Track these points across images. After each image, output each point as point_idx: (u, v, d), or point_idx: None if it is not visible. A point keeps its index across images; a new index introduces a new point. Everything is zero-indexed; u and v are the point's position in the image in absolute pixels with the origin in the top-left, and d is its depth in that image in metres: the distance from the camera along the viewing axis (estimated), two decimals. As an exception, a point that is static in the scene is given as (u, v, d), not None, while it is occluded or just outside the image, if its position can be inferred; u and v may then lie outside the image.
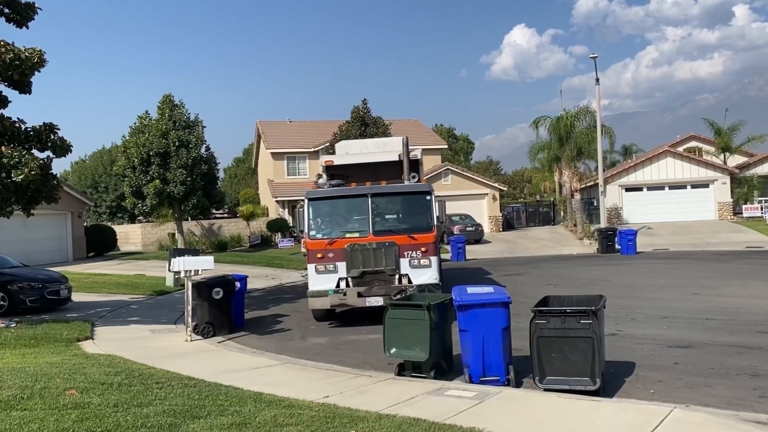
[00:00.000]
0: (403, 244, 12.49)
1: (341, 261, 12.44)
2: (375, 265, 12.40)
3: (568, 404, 6.86)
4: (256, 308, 15.79)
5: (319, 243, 12.63)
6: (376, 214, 12.82)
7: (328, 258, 12.47)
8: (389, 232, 12.69)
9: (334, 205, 13.26)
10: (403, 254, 12.47)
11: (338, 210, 13.30)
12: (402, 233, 12.63)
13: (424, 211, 12.90)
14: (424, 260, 12.54)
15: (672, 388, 7.66)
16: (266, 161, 46.78)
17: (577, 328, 7.31)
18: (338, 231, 12.86)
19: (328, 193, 13.23)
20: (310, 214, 12.84)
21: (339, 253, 12.44)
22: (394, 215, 13.28)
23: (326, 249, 12.51)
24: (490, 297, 8.20)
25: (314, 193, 13.23)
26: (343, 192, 13.29)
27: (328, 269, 12.49)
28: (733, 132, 44.40)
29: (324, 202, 13.12)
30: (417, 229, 12.66)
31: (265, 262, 27.43)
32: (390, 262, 12.39)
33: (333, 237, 12.66)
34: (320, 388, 7.85)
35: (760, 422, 6.20)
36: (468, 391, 7.48)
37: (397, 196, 13.33)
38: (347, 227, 12.93)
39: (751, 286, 15.57)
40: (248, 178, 61.96)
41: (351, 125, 36.55)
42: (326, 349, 11.04)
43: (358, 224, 12.83)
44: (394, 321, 8.43)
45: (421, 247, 12.54)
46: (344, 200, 13.21)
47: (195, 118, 33.17)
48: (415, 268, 12.51)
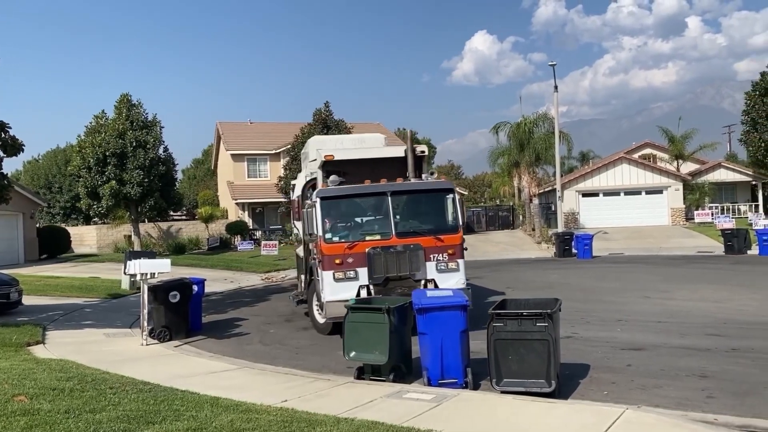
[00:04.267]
0: (428, 247, 11.40)
1: (362, 266, 11.19)
2: (399, 271, 11.26)
3: (524, 406, 6.96)
4: (214, 312, 15.60)
5: (337, 247, 11.29)
6: (398, 213, 11.69)
7: (348, 264, 11.18)
8: (414, 234, 11.54)
9: (350, 204, 12.04)
10: (429, 257, 11.38)
11: (354, 210, 12.18)
12: (427, 234, 11.54)
13: (448, 209, 11.96)
14: (452, 263, 11.52)
15: (625, 389, 7.84)
16: (226, 162, 46.27)
17: (533, 331, 7.43)
18: (357, 233, 11.65)
19: (342, 191, 11.80)
20: (323, 214, 11.49)
21: (360, 257, 11.20)
22: (417, 215, 12.23)
23: (345, 254, 11.21)
24: (449, 300, 8.27)
25: (327, 192, 11.70)
26: (360, 190, 11.88)
27: (348, 276, 11.16)
28: (686, 140, 45.72)
29: (338, 202, 11.77)
30: (443, 230, 11.70)
31: (224, 265, 27.11)
32: (416, 266, 11.32)
33: (352, 240, 11.40)
34: (278, 392, 7.80)
35: (707, 422, 6.39)
36: (426, 394, 7.53)
37: (419, 194, 12.20)
38: (366, 229, 11.79)
39: (701, 289, 16.03)
40: (207, 179, 61.15)
41: (313, 127, 36.41)
42: (285, 353, 10.98)
43: (379, 225, 11.70)
44: (353, 324, 8.44)
45: (447, 249, 11.52)
46: (361, 199, 12.03)
47: (153, 118, 32.66)
48: (441, 273, 11.44)
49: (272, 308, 16.22)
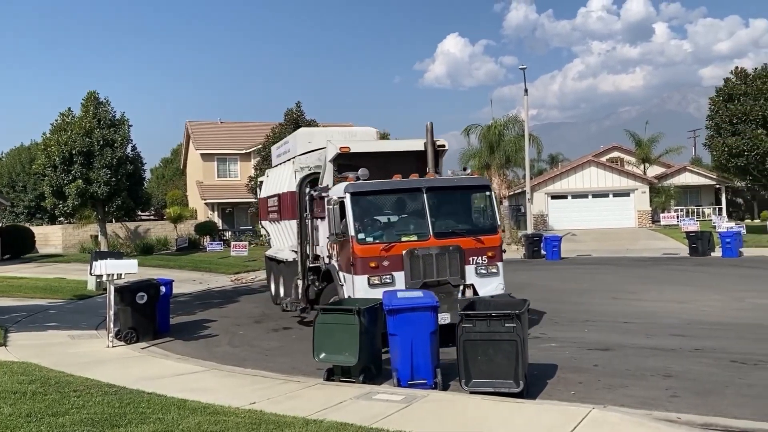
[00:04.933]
0: (468, 249, 10.55)
1: (399, 270, 10.23)
2: (438, 275, 10.34)
3: (492, 406, 7.01)
4: (183, 313, 15.41)
5: (371, 248, 10.26)
6: (434, 212, 10.71)
7: (383, 267, 10.18)
8: (453, 234, 10.67)
9: (382, 201, 11.10)
10: (468, 260, 10.54)
11: (387, 207, 11.23)
12: (467, 235, 10.72)
13: (486, 208, 11.29)
14: (492, 267, 10.78)
15: (591, 389, 7.94)
16: (195, 162, 45.79)
17: (502, 332, 7.49)
18: (392, 233, 10.67)
19: (376, 186, 10.82)
20: (354, 212, 10.47)
21: (396, 260, 10.23)
22: (453, 213, 11.33)
23: (380, 256, 10.22)
24: (420, 301, 8.29)
25: (357, 187, 10.65)
26: (394, 185, 10.96)
27: (384, 281, 10.14)
28: (652, 144, 46.61)
29: (369, 198, 10.80)
30: (481, 230, 10.97)
31: (193, 266, 26.81)
32: (455, 270, 10.42)
33: (388, 241, 10.43)
34: (247, 394, 7.74)
35: (671, 420, 6.52)
36: (396, 395, 7.53)
37: (456, 191, 11.37)
38: (402, 228, 10.85)
39: (666, 290, 16.33)
40: (176, 179, 60.41)
41: (284, 127, 36.23)
42: (254, 355, 10.90)
43: (414, 225, 10.82)
44: (323, 326, 8.41)
45: (487, 252, 10.75)
46: (394, 195, 11.13)
47: (121, 117, 32.20)
48: (481, 277, 10.67)
49: (241, 310, 16.09)
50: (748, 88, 30.94)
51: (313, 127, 14.35)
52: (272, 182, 16.30)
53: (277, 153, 16.80)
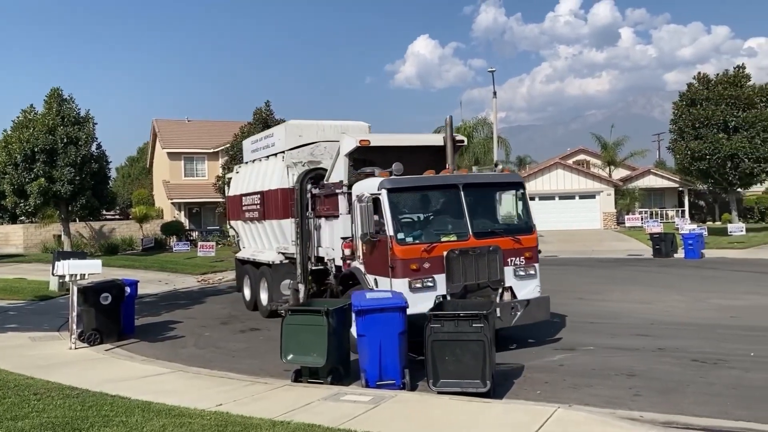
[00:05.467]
0: (506, 249, 10.04)
1: (440, 273, 9.54)
2: (478, 277, 9.74)
3: (460, 406, 7.05)
4: (148, 314, 15.18)
5: (412, 249, 9.50)
6: (471, 210, 10.11)
7: (424, 270, 9.47)
8: (492, 234, 10.12)
9: (419, 198, 10.51)
10: (506, 261, 10.02)
11: (424, 205, 10.59)
12: (505, 235, 10.23)
13: (520, 207, 10.83)
14: (529, 268, 10.32)
15: (557, 388, 8.04)
16: (162, 161, 45.19)
17: (470, 332, 7.55)
18: (431, 233, 9.96)
19: (412, 182, 10.13)
20: (393, 210, 9.70)
21: (437, 262, 9.52)
22: (488, 212, 10.83)
23: (421, 257, 9.49)
24: (389, 302, 8.29)
25: (394, 182, 9.89)
26: (432, 181, 10.31)
27: (426, 285, 9.45)
28: (617, 147, 47.44)
29: (406, 195, 10.14)
30: (518, 230, 10.54)
31: (159, 267, 26.43)
32: (495, 272, 9.87)
33: (429, 241, 9.71)
34: (213, 396, 7.66)
35: (634, 419, 6.64)
36: (364, 396, 7.53)
37: (491, 188, 10.86)
38: (439, 228, 10.17)
39: (631, 291, 16.62)
40: (142, 178, 59.53)
41: (253, 127, 35.98)
42: (221, 356, 10.78)
43: (452, 224, 10.15)
44: (291, 327, 8.36)
45: (525, 252, 10.29)
46: (431, 192, 10.49)
47: (86, 114, 31.60)
48: (519, 279, 10.18)
49: (208, 311, 15.90)
50: (710, 93, 31.68)
51: (302, 121, 13.59)
52: (249, 179, 15.33)
53: (254, 147, 15.62)
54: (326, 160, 12.79)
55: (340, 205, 11.08)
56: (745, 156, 30.20)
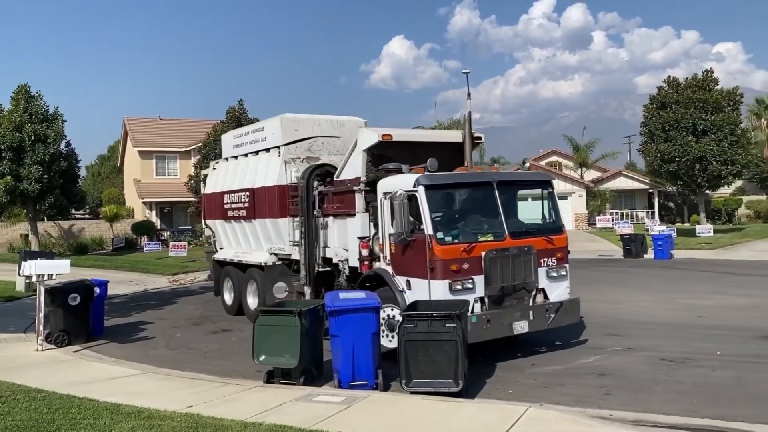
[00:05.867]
0: (540, 249, 9.77)
1: (478, 274, 9.15)
2: (514, 279, 9.41)
3: (432, 406, 7.07)
4: (118, 315, 14.96)
5: (452, 249, 9.06)
6: (505, 209, 9.79)
7: (464, 271, 9.06)
8: (526, 234, 9.82)
9: (455, 196, 10.09)
10: (540, 262, 9.74)
11: (460, 203, 10.20)
12: (538, 235, 9.95)
13: (550, 206, 10.52)
14: (561, 269, 10.08)
15: (528, 387, 8.11)
16: (133, 160, 44.61)
17: (443, 332, 7.58)
18: (468, 232, 9.50)
19: (449, 178, 9.82)
20: (431, 208, 9.25)
21: (475, 263, 9.12)
22: (521, 211, 10.56)
23: (461, 258, 9.08)
24: (362, 302, 8.29)
25: (431, 179, 9.44)
26: (468, 178, 10.04)
27: (466, 287, 9.06)
28: (589, 149, 48.05)
29: (443, 192, 9.72)
30: (549, 230, 10.25)
31: (130, 267, 26.11)
32: (529, 273, 9.56)
33: (467, 241, 9.26)
34: (184, 397, 7.57)
35: (603, 417, 6.72)
36: (337, 396, 7.52)
37: (523, 187, 10.66)
38: (475, 227, 9.71)
39: (601, 291, 16.82)
40: (113, 177, 58.68)
41: (226, 125, 35.70)
42: (192, 357, 10.67)
43: (487, 223, 9.78)
44: (263, 328, 8.30)
45: (556, 253, 10.06)
46: (466, 189, 10.08)
47: (54, 112, 31.05)
48: (552, 280, 9.93)
49: (180, 311, 15.72)
50: (679, 96, 32.22)
51: (297, 114, 13.33)
52: (232, 175, 14.56)
53: (239, 142, 14.76)
54: (324, 156, 12.56)
55: (357, 203, 10.55)
56: (712, 158, 30.78)
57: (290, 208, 12.25)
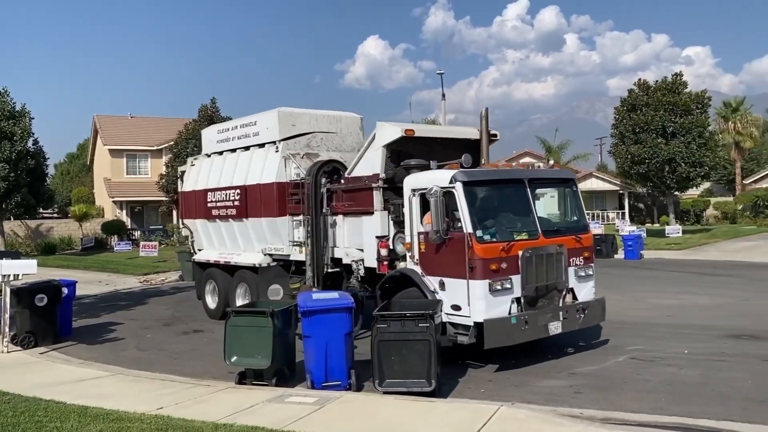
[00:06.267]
0: (570, 249, 9.58)
1: (515, 274, 8.89)
2: (548, 279, 9.20)
3: (405, 406, 7.08)
4: (87, 316, 14.72)
5: (492, 248, 8.76)
6: (536, 207, 9.65)
7: (503, 270, 8.78)
8: (557, 233, 9.65)
9: (490, 193, 9.70)
10: (569, 261, 9.56)
11: (496, 200, 9.84)
12: (567, 233, 9.78)
13: (576, 204, 10.37)
14: (588, 269, 9.91)
15: (500, 386, 8.17)
16: (103, 158, 43.93)
17: (416, 332, 7.59)
18: (504, 231, 9.22)
19: (486, 175, 9.55)
20: (470, 205, 8.91)
21: (513, 262, 8.86)
22: (550, 209, 10.45)
23: (500, 257, 8.79)
24: (335, 302, 8.26)
25: (469, 175, 9.14)
26: (503, 174, 9.80)
27: (505, 287, 8.79)
28: (561, 150, 48.57)
29: (482, 189, 9.37)
30: (576, 228, 10.05)
31: (99, 267, 25.72)
32: (560, 272, 9.36)
33: (504, 240, 8.98)
34: (154, 399, 7.48)
35: (574, 416, 6.79)
36: (309, 397, 7.49)
37: (551, 185, 10.46)
38: (509, 225, 9.45)
39: (572, 291, 17.01)
40: (82, 175, 57.75)
41: (198, 124, 35.36)
42: (163, 358, 10.54)
43: (521, 221, 9.55)
44: (235, 328, 8.24)
45: (584, 252, 9.87)
46: (501, 186, 9.79)
47: (21, 109, 30.43)
48: (580, 280, 9.73)
49: (150, 312, 15.52)
50: (649, 99, 32.68)
51: (293, 108, 12.92)
52: (218, 172, 13.83)
53: (224, 137, 14.05)
54: (323, 152, 12.22)
55: (375, 200, 10.20)
56: (681, 160, 31.29)
57: (290, 207, 11.84)
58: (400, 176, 10.15)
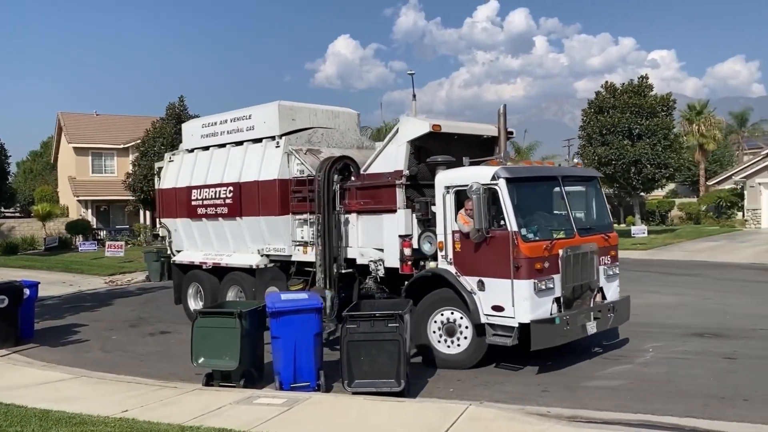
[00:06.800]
0: (601, 247, 9.49)
1: (556, 273, 8.72)
2: (582, 278, 9.08)
3: (374, 406, 7.08)
4: (50, 318, 14.41)
5: (537, 247, 8.58)
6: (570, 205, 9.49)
7: (545, 270, 8.59)
8: (589, 231, 9.55)
9: (530, 190, 9.49)
10: (599, 261, 9.45)
11: (532, 198, 9.57)
12: (597, 232, 9.70)
13: (601, 203, 10.29)
14: (614, 268, 9.82)
15: (469, 386, 8.21)
16: (68, 156, 43.05)
17: (385, 332, 7.59)
18: (545, 229, 9.01)
19: (527, 171, 9.41)
20: (514, 202, 8.66)
21: (554, 261, 8.68)
22: (580, 208, 10.19)
23: (543, 256, 8.61)
24: (304, 303, 8.22)
25: (512, 171, 8.91)
26: (542, 172, 9.71)
27: (548, 287, 8.60)
28: (530, 151, 49.12)
29: (522, 185, 9.05)
30: (603, 227, 9.95)
31: (63, 267, 25.20)
32: (593, 272, 9.27)
33: (546, 238, 8.80)
34: (119, 401, 7.35)
35: (541, 414, 6.86)
36: (278, 399, 7.44)
37: (581, 183, 10.26)
38: (548, 223, 9.24)
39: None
40: (46, 174, 56.58)
41: (166, 122, 34.89)
42: (129, 360, 10.38)
43: (557, 220, 9.40)
44: (202, 330, 8.14)
45: (611, 251, 9.79)
46: (540, 184, 9.65)
47: (-18, 105, 29.74)
48: (608, 279, 9.64)
49: (116, 313, 15.26)
50: (616, 101, 33.17)
51: (294, 102, 12.33)
52: (205, 168, 13.00)
53: (210, 131, 13.21)
54: (324, 148, 11.80)
55: (398, 198, 9.83)
56: (647, 162, 31.82)
57: (293, 205, 11.34)
58: (423, 173, 9.96)
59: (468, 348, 8.91)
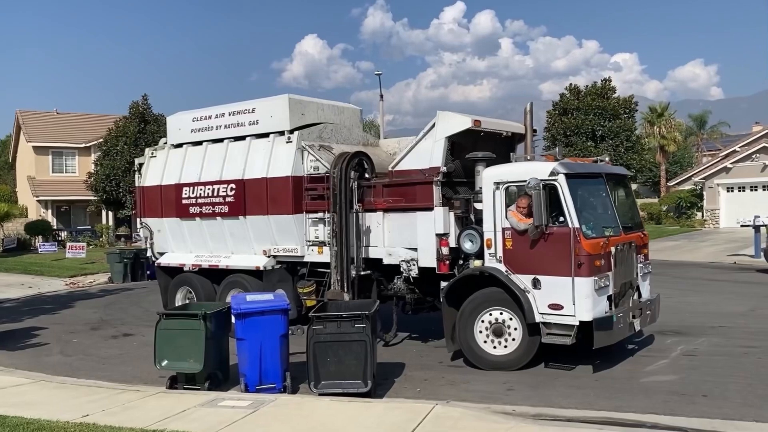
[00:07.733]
0: (638, 245, 9.54)
1: (610, 270, 8.61)
2: (627, 275, 9.06)
3: (341, 407, 7.04)
4: (8, 321, 14.06)
5: (596, 244, 8.44)
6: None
7: (602, 267, 8.47)
8: (630, 229, 9.51)
9: (583, 187, 9.23)
10: (637, 258, 9.49)
11: (585, 195, 9.33)
12: (636, 230, 9.73)
13: (633, 201, 10.28)
14: (648, 266, 9.85)
15: (436, 385, 8.24)
16: (27, 155, 42.02)
17: (352, 332, 7.57)
18: (598, 227, 8.91)
19: (583, 168, 9.45)
20: (574, 199, 8.54)
21: (608, 258, 8.57)
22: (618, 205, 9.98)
23: (601, 253, 8.48)
24: (270, 304, 8.16)
25: (570, 167, 8.86)
26: (596, 169, 9.59)
27: (605, 284, 8.51)
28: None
29: (578, 182, 8.91)
30: (638, 225, 10.02)
31: (22, 269, 24.62)
32: (633, 270, 9.29)
33: (600, 235, 8.67)
34: (79, 406, 7.19)
35: (507, 413, 6.91)
36: (243, 401, 7.36)
37: (619, 181, 10.17)
38: (601, 221, 9.15)
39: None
40: (4, 173, 55.16)
41: (129, 121, 34.33)
42: (90, 364, 10.17)
43: (605, 217, 9.29)
44: (166, 332, 8.01)
45: (644, 249, 9.75)
46: (591, 181, 9.43)
47: (-63, 102, 28.82)
48: (644, 278, 9.65)
49: (77, 316, 14.94)
50: (580, 103, 33.79)
51: (302, 97, 11.82)
52: (200, 164, 12.20)
53: (203, 125, 12.43)
54: (334, 144, 11.42)
55: (434, 195, 9.53)
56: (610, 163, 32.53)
57: (306, 203, 10.90)
58: (458, 169, 9.83)
59: (518, 348, 8.73)
